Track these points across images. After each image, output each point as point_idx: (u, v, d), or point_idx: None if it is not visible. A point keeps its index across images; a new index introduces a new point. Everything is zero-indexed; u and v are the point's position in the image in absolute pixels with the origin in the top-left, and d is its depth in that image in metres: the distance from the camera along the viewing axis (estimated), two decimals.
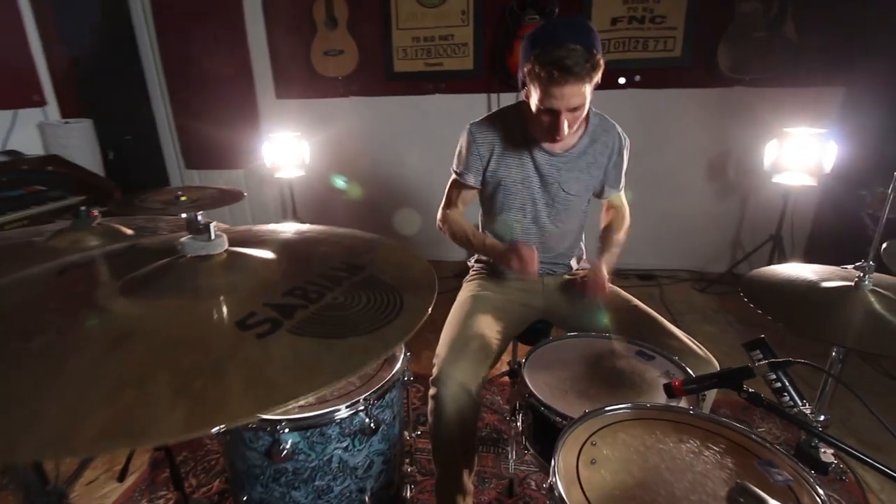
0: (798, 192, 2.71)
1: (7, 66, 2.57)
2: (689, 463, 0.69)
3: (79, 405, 0.36)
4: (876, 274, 0.90)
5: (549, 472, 1.07)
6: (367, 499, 1.04)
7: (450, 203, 1.48)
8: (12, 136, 2.58)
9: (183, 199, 1.68)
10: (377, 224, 3.53)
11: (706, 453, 0.72)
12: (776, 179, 2.66)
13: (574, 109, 1.16)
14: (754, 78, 2.79)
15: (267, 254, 0.58)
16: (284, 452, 0.89)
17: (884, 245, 0.97)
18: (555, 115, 1.16)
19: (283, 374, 0.40)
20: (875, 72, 2.53)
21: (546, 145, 1.33)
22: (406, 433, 1.28)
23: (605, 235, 1.49)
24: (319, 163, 3.26)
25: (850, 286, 0.92)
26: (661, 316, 1.32)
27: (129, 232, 1.00)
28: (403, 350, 1.11)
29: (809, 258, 3.07)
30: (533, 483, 1.62)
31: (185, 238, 0.53)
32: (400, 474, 1.20)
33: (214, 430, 0.35)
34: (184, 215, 1.66)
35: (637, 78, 2.95)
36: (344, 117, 3.30)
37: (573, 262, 1.52)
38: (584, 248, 1.58)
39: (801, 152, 2.52)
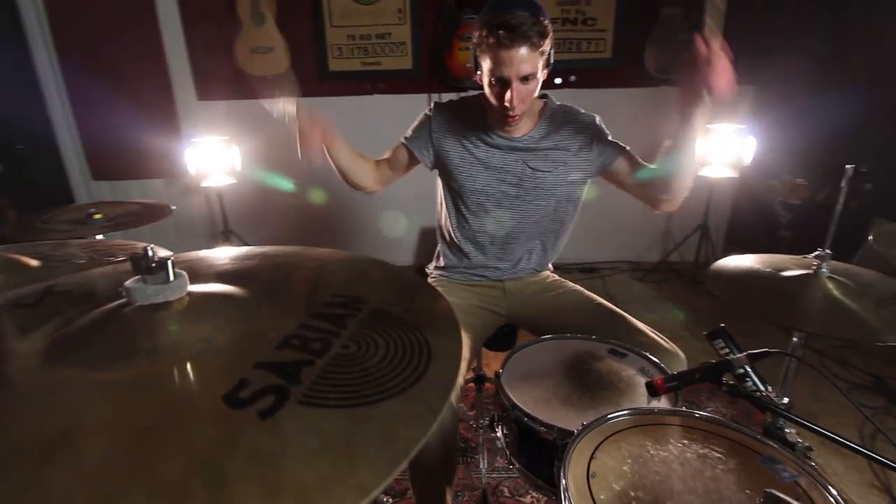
0: (719, 183, 2.93)
1: None
2: (697, 469, 0.68)
3: None
4: (833, 262, 0.95)
5: (538, 486, 1.04)
6: None
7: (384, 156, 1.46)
8: None
9: (97, 216, 1.46)
10: (319, 231, 3.36)
11: (710, 456, 0.71)
12: (702, 173, 2.85)
13: (525, 79, 1.13)
14: (678, 78, 2.97)
15: (234, 290, 0.46)
16: None
17: (870, 236, 1.03)
18: (505, 84, 1.13)
19: (312, 474, 0.26)
20: (780, 71, 2.79)
21: (503, 132, 1.30)
22: None
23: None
24: (252, 169, 3.02)
25: (810, 274, 0.97)
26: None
27: (35, 263, 0.82)
28: None
29: (730, 244, 3.36)
30: (506, 490, 1.59)
31: (130, 282, 0.39)
32: None
33: None
34: (100, 236, 1.44)
35: (572, 78, 3.04)
36: (277, 119, 3.08)
37: (542, 265, 1.48)
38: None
39: (724, 147, 2.73)
